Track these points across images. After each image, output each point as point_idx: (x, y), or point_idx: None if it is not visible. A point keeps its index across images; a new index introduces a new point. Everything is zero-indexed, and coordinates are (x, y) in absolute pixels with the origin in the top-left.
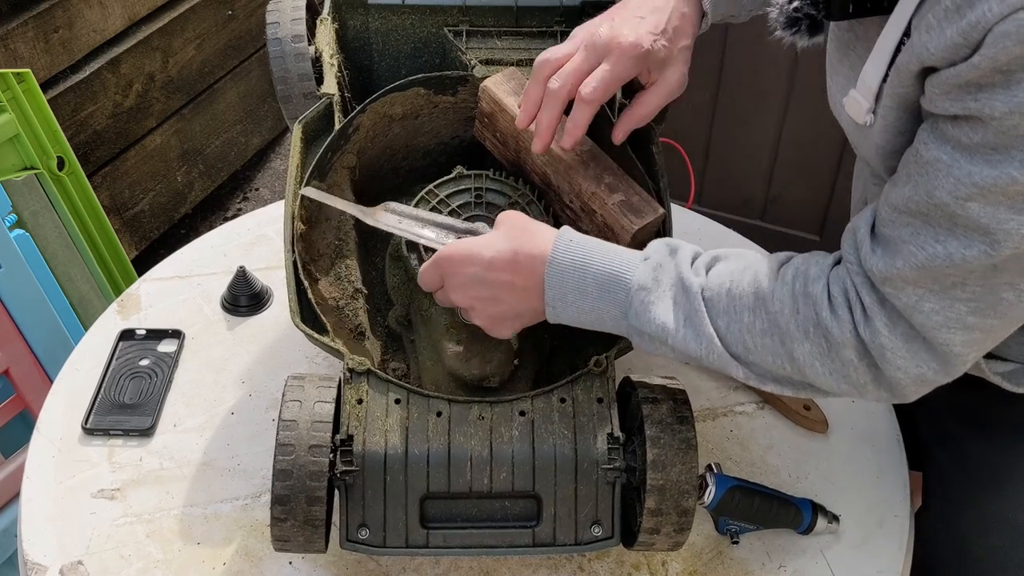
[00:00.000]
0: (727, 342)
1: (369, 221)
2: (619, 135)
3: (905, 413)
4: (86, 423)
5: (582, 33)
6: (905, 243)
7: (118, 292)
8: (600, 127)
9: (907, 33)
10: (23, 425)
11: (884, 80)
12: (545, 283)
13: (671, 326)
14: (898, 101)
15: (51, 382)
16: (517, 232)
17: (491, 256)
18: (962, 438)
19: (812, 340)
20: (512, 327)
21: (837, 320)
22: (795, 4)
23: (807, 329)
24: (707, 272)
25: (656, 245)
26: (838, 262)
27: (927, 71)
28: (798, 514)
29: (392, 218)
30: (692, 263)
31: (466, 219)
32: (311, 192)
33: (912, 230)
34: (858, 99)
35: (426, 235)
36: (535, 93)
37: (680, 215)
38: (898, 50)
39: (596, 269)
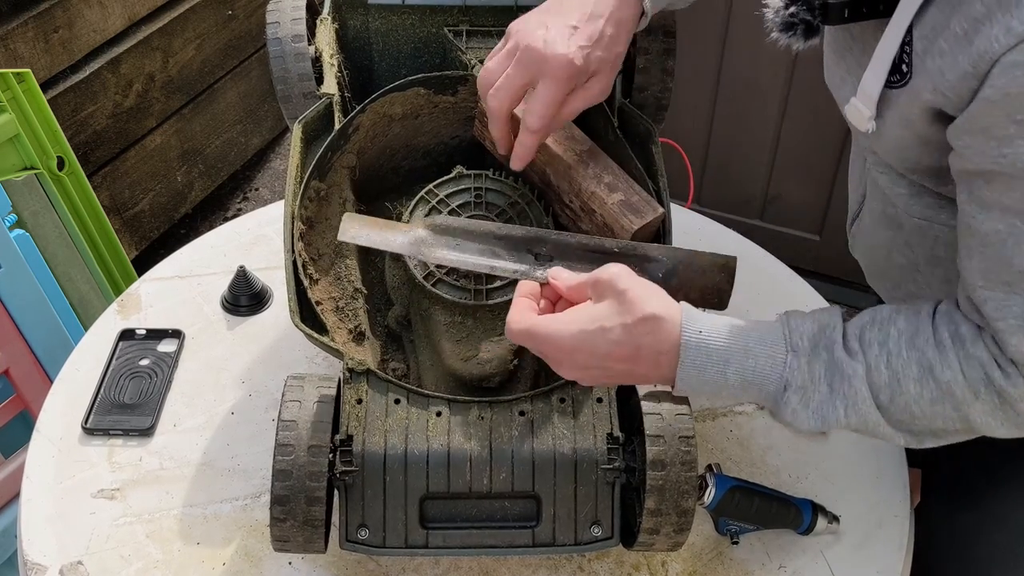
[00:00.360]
0: (889, 414)
1: (428, 259)
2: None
3: None
4: (86, 423)
5: (516, 37)
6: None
7: (118, 292)
8: (599, 126)
9: (907, 42)
10: (23, 425)
11: (886, 86)
12: (677, 381)
13: (831, 417)
14: (901, 121)
15: (51, 382)
16: (633, 317)
17: (608, 350)
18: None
19: (984, 399)
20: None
21: (1007, 377)
22: (791, 10)
23: (977, 390)
24: (861, 346)
25: (801, 332)
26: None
27: (939, 114)
28: (798, 514)
29: (445, 249)
30: (845, 342)
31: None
32: (352, 236)
33: (1012, 302)
34: (859, 107)
35: (504, 267)
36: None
37: (679, 215)
38: (900, 59)
39: (738, 367)
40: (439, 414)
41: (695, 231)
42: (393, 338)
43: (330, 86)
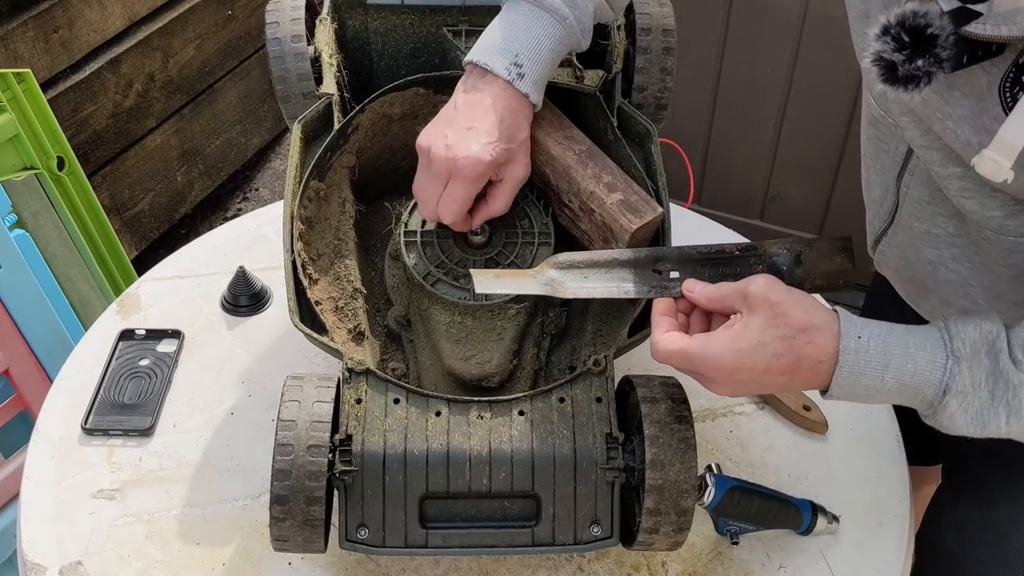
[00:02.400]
0: None
1: (564, 295)
2: (475, 223)
3: (907, 409)
4: (86, 423)
5: (424, 152)
6: None
7: (118, 292)
8: (599, 126)
9: None
10: (23, 425)
11: None
12: (832, 388)
13: (992, 423)
14: None
15: (51, 382)
16: (792, 330)
17: (767, 365)
18: None
19: None
20: None
21: None
22: (918, 63)
23: None
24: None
25: (964, 331)
26: None
27: None
28: (798, 514)
29: (577, 282)
30: (1011, 351)
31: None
32: (484, 285)
33: None
34: (996, 159)
35: (636, 290)
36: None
37: (679, 215)
38: None
39: (897, 370)
40: (438, 414)
41: (695, 231)
42: (392, 338)
43: (329, 86)
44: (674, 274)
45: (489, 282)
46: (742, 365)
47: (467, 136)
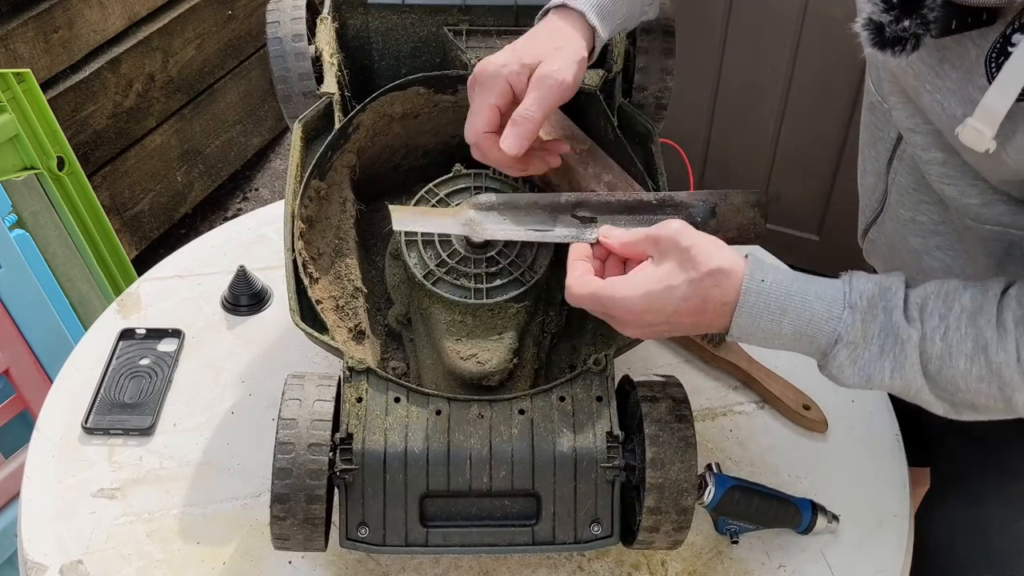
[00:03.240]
0: (935, 384)
1: (480, 236)
2: (515, 146)
3: (907, 408)
4: (86, 422)
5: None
6: None
7: (118, 292)
8: (599, 126)
9: None
10: (23, 425)
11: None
12: (732, 323)
13: (877, 376)
14: None
15: (51, 382)
16: (700, 272)
17: (675, 307)
18: (982, 427)
19: None
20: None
21: None
22: (904, 24)
23: None
24: (921, 317)
25: (861, 290)
26: None
27: None
28: (797, 514)
29: (495, 224)
30: (905, 307)
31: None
32: (406, 224)
33: None
34: (978, 127)
35: (554, 234)
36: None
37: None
38: None
39: (795, 315)
40: (439, 412)
41: None
42: (393, 337)
43: (330, 85)
44: (592, 220)
45: (408, 219)
46: (651, 307)
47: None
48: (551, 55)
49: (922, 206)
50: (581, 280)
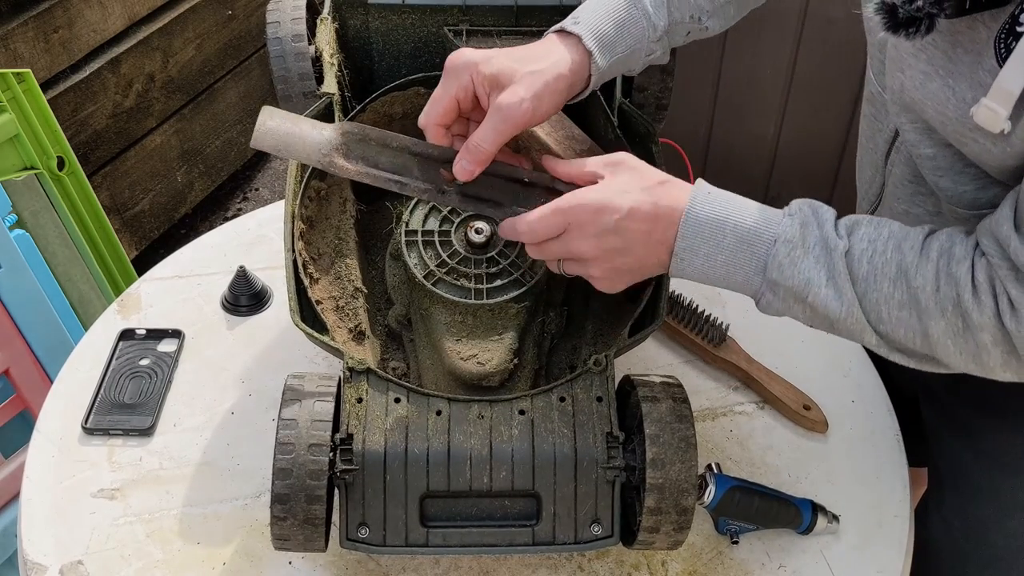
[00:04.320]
0: (864, 308)
1: (337, 172)
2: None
3: (906, 407)
4: (86, 423)
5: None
6: None
7: (118, 292)
8: (599, 126)
9: None
10: (23, 425)
11: None
12: (678, 233)
13: (815, 281)
14: None
15: (51, 382)
16: (651, 182)
17: (630, 206)
18: (977, 426)
19: (949, 319)
20: (628, 281)
21: (979, 305)
22: (918, 3)
23: (945, 308)
24: (849, 235)
25: (799, 203)
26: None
27: None
28: (798, 514)
29: (357, 161)
30: (835, 224)
31: (465, 218)
32: (268, 145)
33: None
34: (992, 107)
35: (413, 185)
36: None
37: None
38: None
39: (736, 222)
40: (439, 413)
41: None
42: (393, 337)
43: (330, 85)
44: (458, 186)
45: (272, 125)
46: (606, 206)
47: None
48: (525, 77)
49: (917, 198)
50: (538, 210)
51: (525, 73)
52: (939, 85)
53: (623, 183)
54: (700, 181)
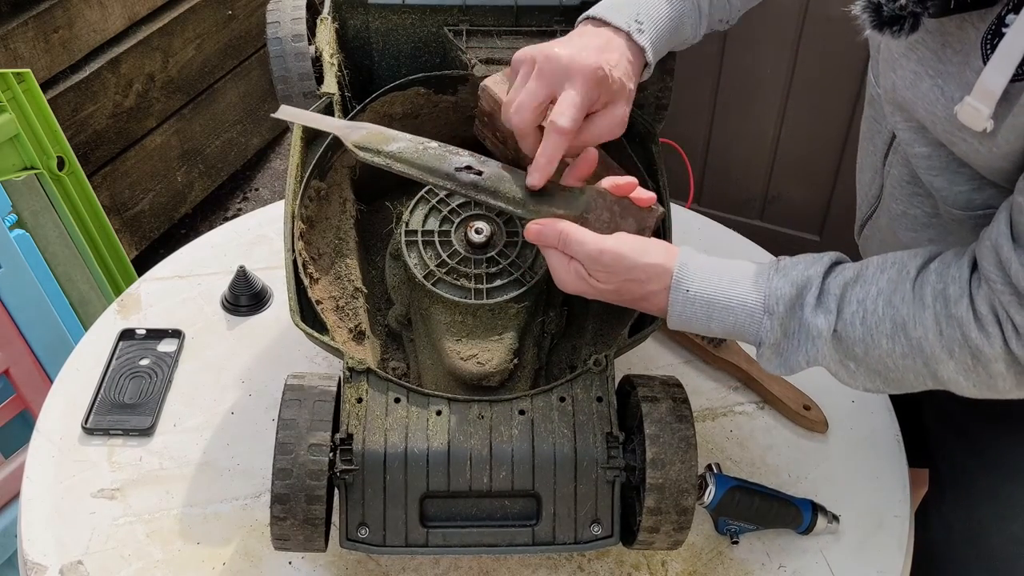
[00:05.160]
0: (867, 365)
1: (364, 159)
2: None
3: (908, 409)
4: (86, 423)
5: (532, 56)
6: None
7: (118, 292)
8: None
9: None
10: (23, 425)
11: (1012, 80)
12: (668, 318)
13: (797, 368)
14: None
15: (51, 382)
16: (634, 298)
17: (618, 285)
18: (978, 429)
19: (957, 359)
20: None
21: (987, 337)
22: (900, 2)
23: (952, 349)
24: (838, 306)
25: (781, 289)
26: (975, 270)
27: None
28: (798, 514)
29: (379, 156)
30: (817, 303)
31: (465, 218)
32: (285, 113)
33: None
34: (975, 105)
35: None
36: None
37: (679, 215)
38: None
39: (719, 322)
40: (439, 413)
41: (695, 231)
42: (393, 337)
43: (330, 85)
44: (474, 175)
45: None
46: (606, 267)
47: (585, 49)
48: (618, 97)
49: (915, 199)
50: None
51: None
52: (929, 85)
53: (607, 290)
54: (677, 276)
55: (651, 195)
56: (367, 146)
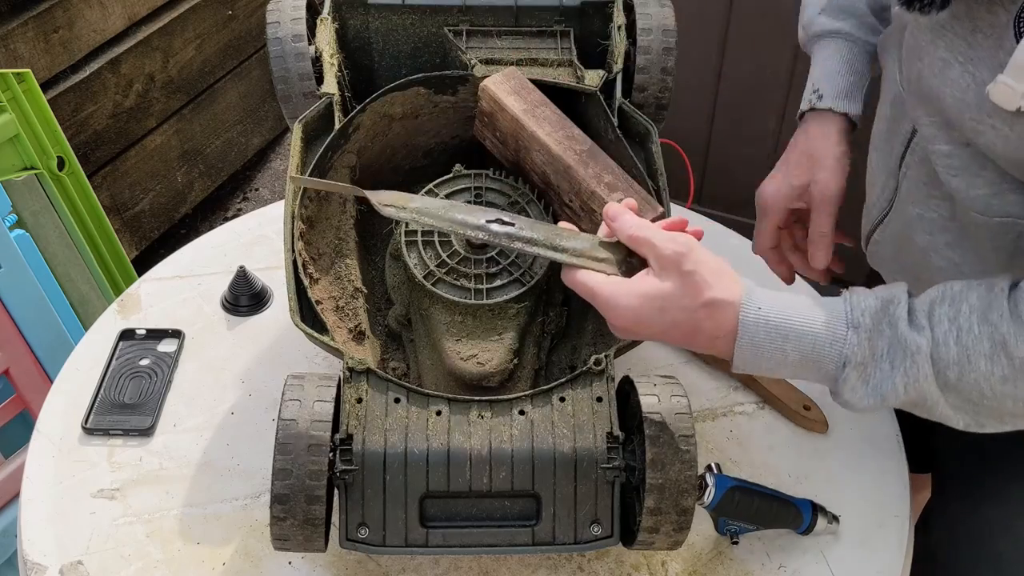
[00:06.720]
0: (958, 392)
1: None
2: (818, 260)
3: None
4: (86, 423)
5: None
6: None
7: (118, 292)
8: (599, 126)
9: None
10: (23, 425)
11: None
12: (735, 359)
13: (891, 396)
14: None
15: (51, 382)
16: (696, 304)
17: (664, 329)
18: (985, 434)
19: None
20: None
21: None
22: None
23: None
24: (929, 322)
25: (864, 302)
26: None
27: None
28: (798, 514)
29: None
30: (910, 318)
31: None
32: (302, 182)
33: None
34: (1009, 83)
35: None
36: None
37: (679, 215)
38: None
39: (796, 342)
40: (439, 413)
41: None
42: (393, 337)
43: (330, 86)
44: (504, 228)
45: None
46: (640, 321)
47: (768, 179)
48: (818, 172)
49: (931, 201)
50: (584, 272)
51: (815, 167)
52: (959, 71)
53: (664, 298)
54: (748, 295)
55: (697, 229)
56: (392, 203)
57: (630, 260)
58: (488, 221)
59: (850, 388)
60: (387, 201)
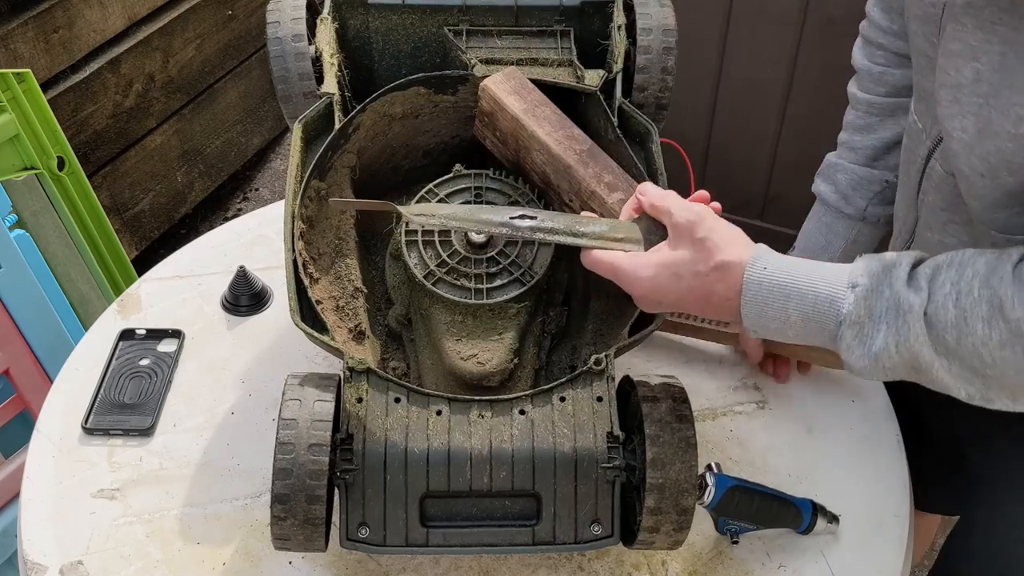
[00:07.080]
0: (959, 357)
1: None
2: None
3: (920, 445)
4: (86, 423)
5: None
6: None
7: (118, 292)
8: (599, 126)
9: None
10: (23, 425)
11: None
12: (742, 317)
13: (883, 356)
14: None
15: (51, 382)
16: (708, 268)
17: (679, 295)
18: (1011, 443)
19: None
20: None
21: None
22: None
23: None
24: (929, 286)
25: (868, 265)
26: None
27: None
28: (798, 514)
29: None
30: (909, 279)
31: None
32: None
33: None
34: None
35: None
36: None
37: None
38: None
39: (798, 301)
40: (439, 413)
41: None
42: (393, 337)
43: (330, 85)
44: (528, 221)
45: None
46: (657, 289)
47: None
48: None
49: (950, 227)
50: (603, 251)
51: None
52: (1016, 61)
53: (678, 264)
54: (756, 255)
55: (716, 205)
56: (423, 212)
57: (649, 238)
58: (512, 217)
59: (847, 347)
60: (418, 211)
